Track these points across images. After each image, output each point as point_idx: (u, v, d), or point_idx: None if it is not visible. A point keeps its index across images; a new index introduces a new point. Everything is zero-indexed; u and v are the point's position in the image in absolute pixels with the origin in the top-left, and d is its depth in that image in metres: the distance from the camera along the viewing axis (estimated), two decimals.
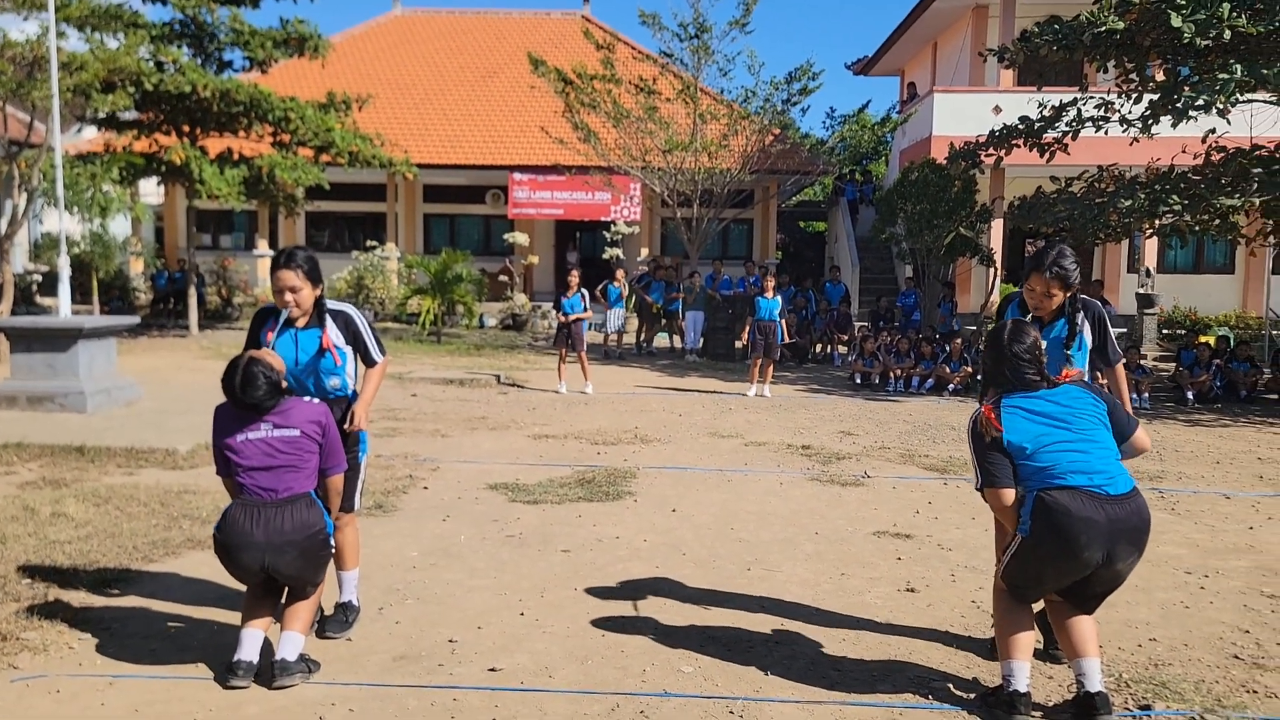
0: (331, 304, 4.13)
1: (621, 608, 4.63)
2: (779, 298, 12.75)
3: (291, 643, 3.69)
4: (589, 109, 18.32)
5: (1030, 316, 4.06)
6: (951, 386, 13.05)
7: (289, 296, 3.95)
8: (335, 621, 4.20)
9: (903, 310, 17.69)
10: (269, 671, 3.66)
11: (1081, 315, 4.05)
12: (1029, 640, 3.61)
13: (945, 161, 16.93)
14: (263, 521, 3.62)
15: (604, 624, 4.41)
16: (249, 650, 3.66)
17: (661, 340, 18.35)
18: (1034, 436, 3.50)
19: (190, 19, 16.48)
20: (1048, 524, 3.40)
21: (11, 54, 11.70)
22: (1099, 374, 4.30)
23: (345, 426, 4.06)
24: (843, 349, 16.68)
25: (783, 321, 12.65)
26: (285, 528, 3.63)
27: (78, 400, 9.28)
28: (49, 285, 20.79)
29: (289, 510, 3.67)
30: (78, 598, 4.51)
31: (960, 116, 19.12)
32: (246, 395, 3.62)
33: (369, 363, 4.23)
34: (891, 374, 13.54)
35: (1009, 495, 3.52)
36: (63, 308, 10.44)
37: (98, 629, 4.16)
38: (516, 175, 22.62)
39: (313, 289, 4.02)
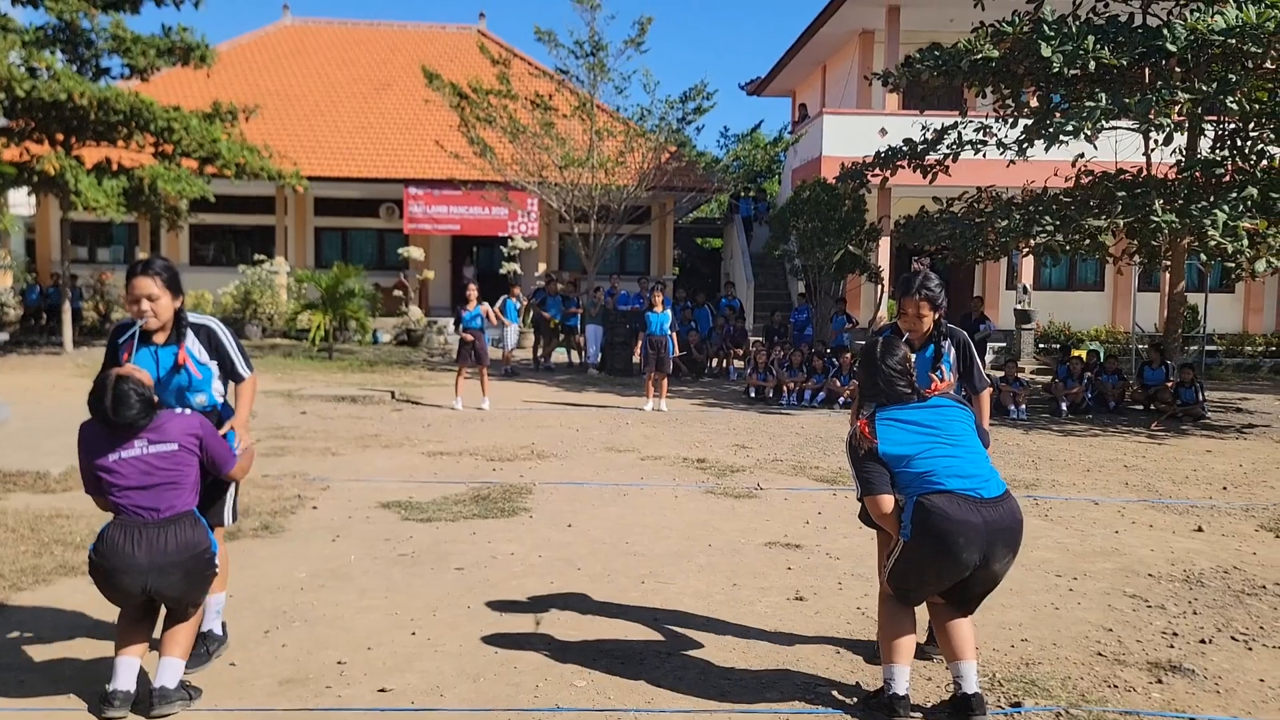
0: (193, 317, 3.95)
1: (515, 624, 4.63)
2: (669, 312, 12.94)
3: (171, 669, 3.57)
4: (485, 124, 18.26)
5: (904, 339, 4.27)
6: (842, 400, 13.40)
7: (145, 305, 3.74)
8: (193, 655, 3.82)
9: (795, 325, 18.13)
10: (147, 700, 3.53)
11: (948, 342, 4.30)
12: (910, 645, 3.75)
13: (835, 181, 17.45)
14: (144, 542, 3.47)
15: (497, 641, 4.40)
16: (125, 679, 3.52)
17: (559, 356, 18.35)
18: (909, 444, 3.66)
19: (66, 24, 15.81)
20: (927, 527, 3.55)
21: None
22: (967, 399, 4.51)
23: (229, 471, 3.83)
24: (738, 363, 16.97)
25: (673, 335, 12.84)
26: (169, 548, 3.49)
27: None
28: None
29: (172, 530, 3.52)
30: None
31: (849, 137, 19.73)
32: (120, 416, 3.45)
33: (236, 379, 4.04)
34: (785, 387, 13.84)
35: (887, 502, 3.66)
36: None
37: None
38: (411, 189, 22.35)
39: (172, 299, 3.82)
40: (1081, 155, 13.03)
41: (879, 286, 18.53)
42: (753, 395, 14.06)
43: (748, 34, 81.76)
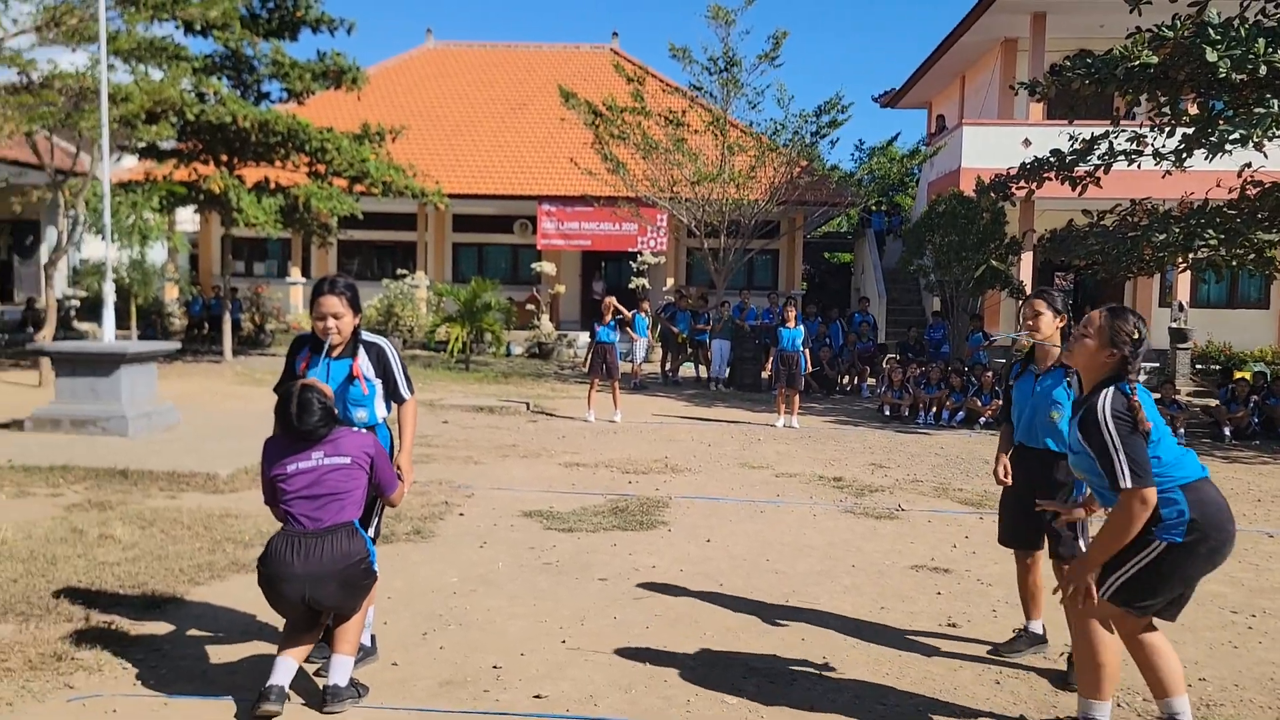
0: (366, 335, 4.11)
1: (662, 638, 4.65)
2: (802, 328, 12.78)
3: (341, 667, 3.72)
4: (618, 141, 18.51)
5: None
6: (983, 420, 12.98)
7: (331, 323, 3.92)
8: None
9: (930, 342, 17.67)
10: (320, 697, 3.70)
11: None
12: (1118, 678, 3.45)
13: (974, 194, 16.96)
14: (303, 552, 3.61)
15: (645, 653, 4.43)
16: (281, 676, 3.64)
17: (687, 370, 18.40)
18: (1160, 423, 3.26)
19: (232, 52, 16.84)
20: (1210, 520, 3.16)
21: (60, 85, 11.98)
22: None
23: (390, 495, 3.98)
24: (870, 381, 16.65)
25: (805, 351, 12.68)
26: (325, 558, 3.63)
27: (120, 424, 9.42)
28: (87, 311, 21.18)
29: (330, 539, 3.66)
30: (129, 618, 4.58)
31: (989, 149, 19.14)
32: (302, 423, 3.63)
33: (397, 399, 4.17)
34: (921, 406, 13.49)
35: (1154, 494, 3.18)
36: (106, 333, 10.63)
37: (149, 650, 4.22)
38: (545, 206, 22.84)
39: (353, 317, 4.01)
40: (1248, 164, 12.27)
41: (1021, 303, 17.87)
42: (887, 413, 13.76)
43: (884, 46, 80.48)
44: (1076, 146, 13.70)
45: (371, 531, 4.15)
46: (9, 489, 7.12)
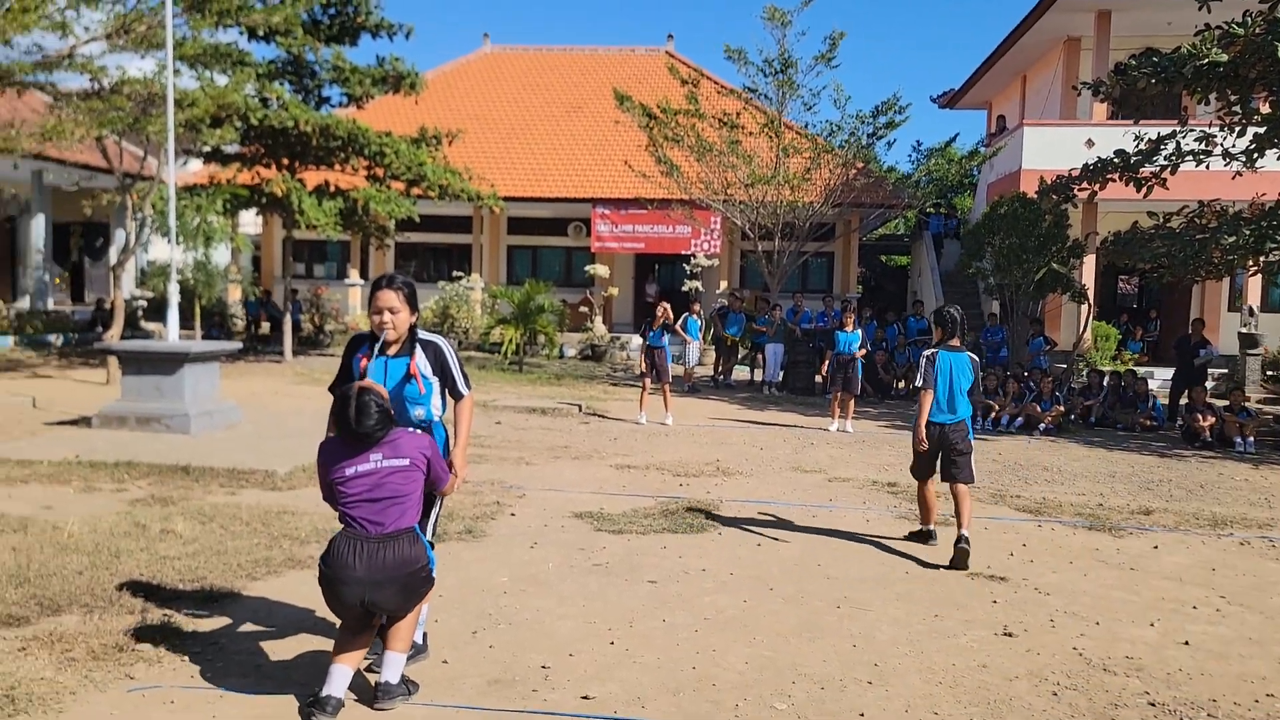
0: (423, 334, 4.13)
1: (711, 640, 4.62)
2: (859, 331, 12.63)
3: (394, 664, 3.76)
4: (672, 143, 18.50)
5: None
6: (1042, 426, 12.71)
7: (387, 317, 3.94)
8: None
9: (988, 347, 17.35)
10: (371, 693, 3.74)
11: None
12: None
13: (1035, 195, 16.63)
14: (365, 556, 3.61)
15: (694, 656, 4.41)
16: (338, 686, 3.66)
17: (740, 373, 18.31)
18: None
19: (294, 57, 17.18)
20: None
21: (129, 91, 12.33)
22: None
23: (443, 488, 4.00)
24: None
25: (861, 354, 12.52)
26: (387, 564, 3.63)
27: (182, 422, 9.65)
28: (154, 311, 21.75)
29: (392, 546, 3.66)
30: (188, 612, 4.68)
31: (1051, 150, 18.76)
32: (361, 426, 3.62)
33: (455, 395, 4.18)
34: (978, 411, 13.25)
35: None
36: (170, 333, 10.89)
37: (207, 643, 4.31)
38: (599, 208, 22.93)
39: (410, 314, 4.02)
40: None
41: (1084, 306, 17.46)
42: None
43: (942, 46, 79.42)
44: (1142, 147, 13.37)
45: (428, 532, 4.17)
46: (76, 484, 7.33)
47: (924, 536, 6.75)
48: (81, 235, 26.21)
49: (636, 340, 15.84)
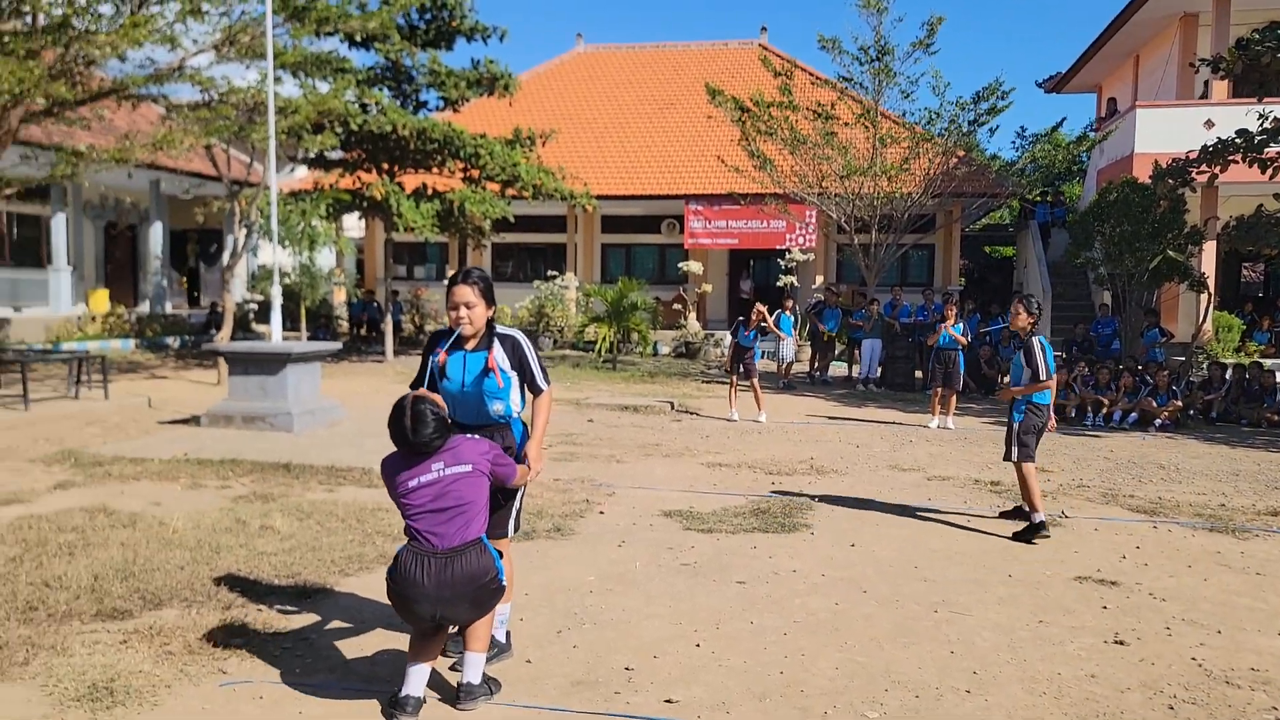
0: (500, 328, 4.09)
1: (800, 644, 4.48)
2: (961, 325, 12.21)
3: (474, 664, 3.74)
4: (765, 136, 18.25)
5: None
6: (1158, 422, 12.08)
7: (463, 312, 3.93)
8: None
9: (1099, 339, 16.62)
10: (454, 694, 3.73)
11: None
12: None
13: (1149, 180, 15.86)
14: (433, 572, 3.55)
15: (782, 660, 4.28)
16: (416, 686, 3.65)
17: (836, 369, 17.96)
18: None
19: (392, 63, 17.56)
20: None
21: (235, 100, 12.77)
22: None
23: (515, 481, 3.95)
24: None
25: (963, 348, 12.10)
26: (456, 579, 3.57)
27: (285, 420, 9.94)
28: (264, 314, 22.57)
29: (459, 560, 3.59)
30: (281, 607, 4.77)
31: (1166, 132, 17.87)
32: (417, 435, 3.57)
33: (535, 390, 4.13)
34: (1089, 406, 12.68)
35: None
36: (274, 334, 11.24)
37: (298, 639, 4.38)
38: (692, 205, 22.81)
39: (486, 308, 3.99)
40: None
41: (1203, 295, 16.56)
42: None
43: (1047, 29, 76.68)
44: (1267, 126, 12.59)
45: (511, 525, 4.15)
46: (184, 481, 7.60)
47: (1039, 528, 6.53)
48: (197, 241, 27.40)
49: (729, 338, 15.64)
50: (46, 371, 14.63)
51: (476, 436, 3.82)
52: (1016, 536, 6.54)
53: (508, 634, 4.27)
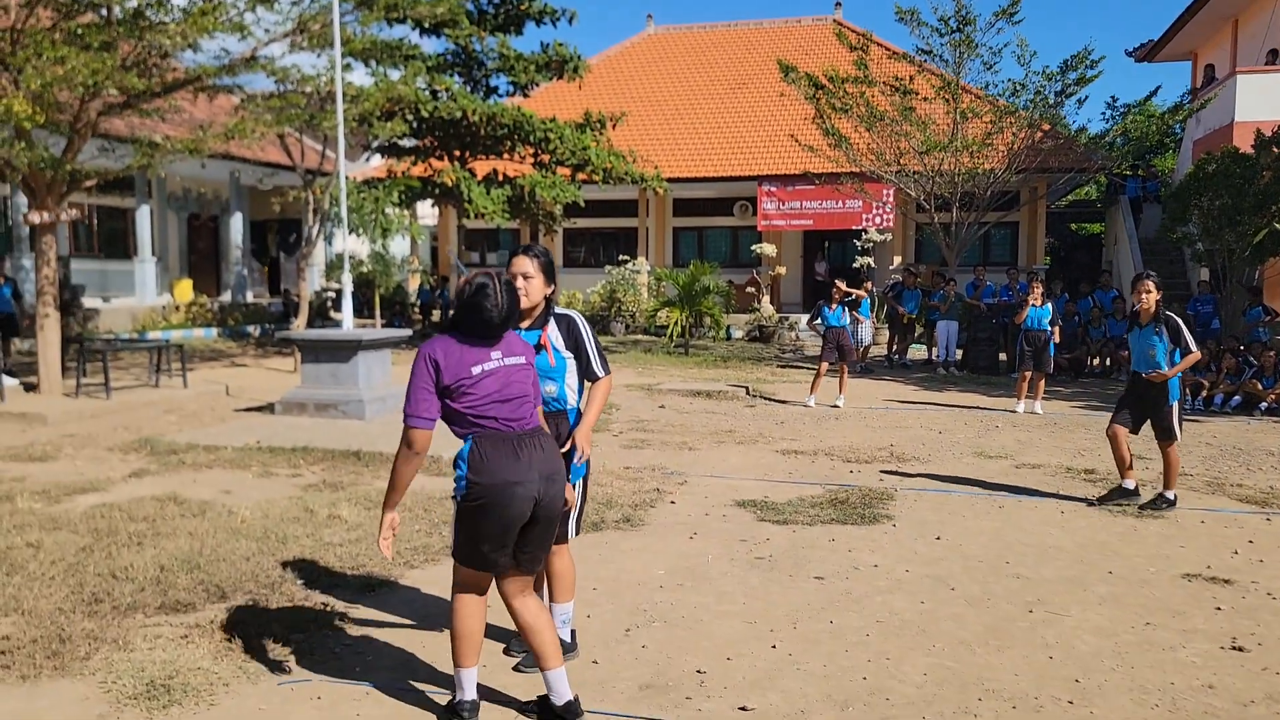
0: (558, 309, 3.97)
1: (884, 646, 4.20)
2: (1049, 305, 11.65)
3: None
4: (840, 113, 17.72)
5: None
6: (1264, 405, 11.38)
7: (520, 282, 3.80)
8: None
9: (1197, 318, 15.79)
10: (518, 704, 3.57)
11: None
12: None
13: (1251, 150, 14.97)
14: (526, 450, 3.32)
15: (864, 665, 4.01)
16: (469, 689, 3.49)
17: (916, 352, 17.42)
18: None
19: (462, 49, 17.53)
20: None
21: (308, 88, 12.82)
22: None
23: (571, 464, 3.78)
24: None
25: (1055, 330, 11.54)
26: (547, 451, 3.40)
27: (357, 408, 9.94)
28: (340, 302, 22.90)
29: (540, 436, 3.43)
30: (345, 600, 4.67)
31: (1269, 99, 16.89)
32: (510, 309, 3.38)
33: (590, 377, 3.96)
34: (1188, 390, 12.01)
35: None
36: (345, 321, 11.28)
37: (359, 635, 4.26)
38: (765, 186, 22.38)
39: (544, 284, 3.86)
40: None
41: None
42: None
43: None
44: None
45: (571, 529, 3.94)
46: (255, 469, 7.60)
47: (1172, 503, 6.70)
48: (277, 231, 27.89)
49: (805, 320, 15.14)
50: (131, 360, 14.98)
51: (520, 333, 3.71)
52: (1144, 508, 6.70)
53: (573, 633, 4.09)
